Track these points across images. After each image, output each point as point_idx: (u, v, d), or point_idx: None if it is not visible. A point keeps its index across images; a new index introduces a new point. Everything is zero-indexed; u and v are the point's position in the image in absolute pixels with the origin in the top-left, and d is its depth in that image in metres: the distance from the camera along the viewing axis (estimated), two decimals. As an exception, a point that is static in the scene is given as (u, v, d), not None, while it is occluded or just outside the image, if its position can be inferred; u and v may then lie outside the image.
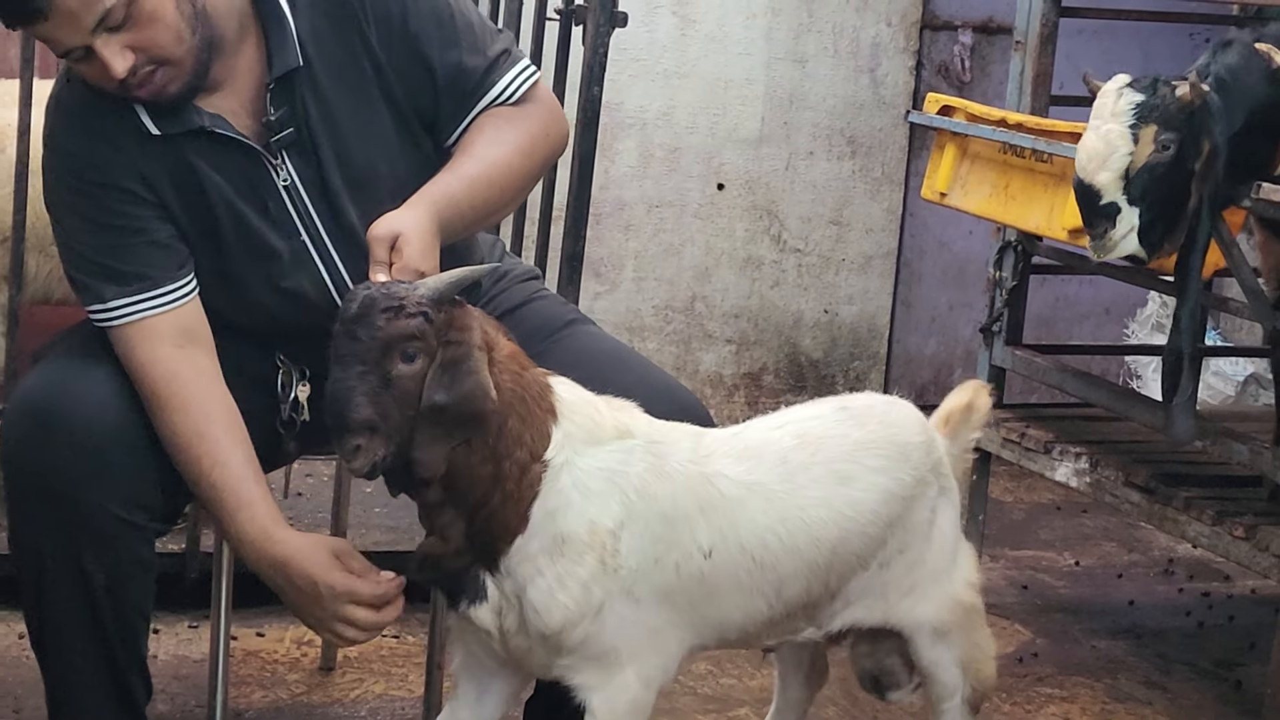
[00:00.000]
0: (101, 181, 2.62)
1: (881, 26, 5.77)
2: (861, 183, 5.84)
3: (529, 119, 2.74)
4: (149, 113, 2.61)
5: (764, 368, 5.85)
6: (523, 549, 2.39)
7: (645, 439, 2.47)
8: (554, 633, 2.41)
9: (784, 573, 2.54)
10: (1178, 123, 3.18)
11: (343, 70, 2.68)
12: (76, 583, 2.63)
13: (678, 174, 5.62)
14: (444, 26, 2.71)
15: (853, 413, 2.66)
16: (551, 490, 2.39)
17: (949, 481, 2.77)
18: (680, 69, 5.56)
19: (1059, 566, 4.84)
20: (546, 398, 2.42)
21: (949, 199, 4.03)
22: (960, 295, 6.07)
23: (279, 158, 2.66)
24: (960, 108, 3.99)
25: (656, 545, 2.44)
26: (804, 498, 2.54)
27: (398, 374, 2.30)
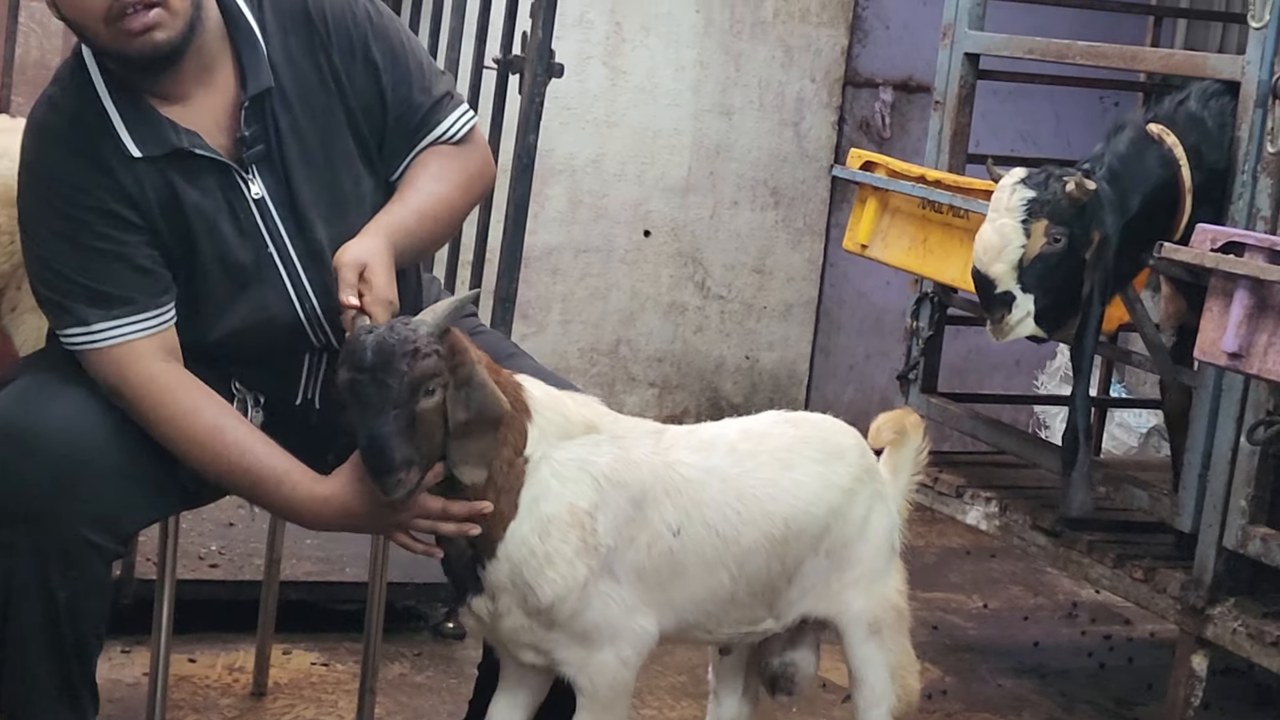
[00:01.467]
0: (86, 204, 2.68)
1: (806, 82, 5.94)
2: (784, 232, 6.01)
3: (468, 159, 2.91)
4: (130, 135, 2.69)
5: (686, 411, 5.98)
6: (515, 533, 2.65)
7: (610, 434, 2.73)
8: (547, 606, 2.66)
9: (745, 545, 2.80)
10: (1068, 216, 3.38)
11: (311, 92, 2.79)
12: (41, 599, 2.68)
13: (605, 220, 5.76)
14: (398, 61, 2.85)
15: (789, 418, 2.98)
16: (534, 480, 2.66)
17: (884, 489, 3.01)
18: (610, 118, 5.70)
19: (968, 608, 4.99)
20: (520, 397, 2.67)
21: (870, 251, 4.18)
22: (878, 344, 6.23)
23: (250, 172, 2.76)
24: (882, 163, 4.15)
25: (629, 526, 2.70)
26: (754, 478, 2.82)
27: (422, 409, 2.53)
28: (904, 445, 3.10)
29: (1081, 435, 3.57)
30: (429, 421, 2.54)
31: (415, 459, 2.54)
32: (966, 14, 4.30)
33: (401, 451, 2.52)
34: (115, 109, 2.71)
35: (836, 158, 6.00)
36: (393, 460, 2.52)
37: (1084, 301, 3.44)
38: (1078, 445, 3.58)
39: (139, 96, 2.73)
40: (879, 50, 6.09)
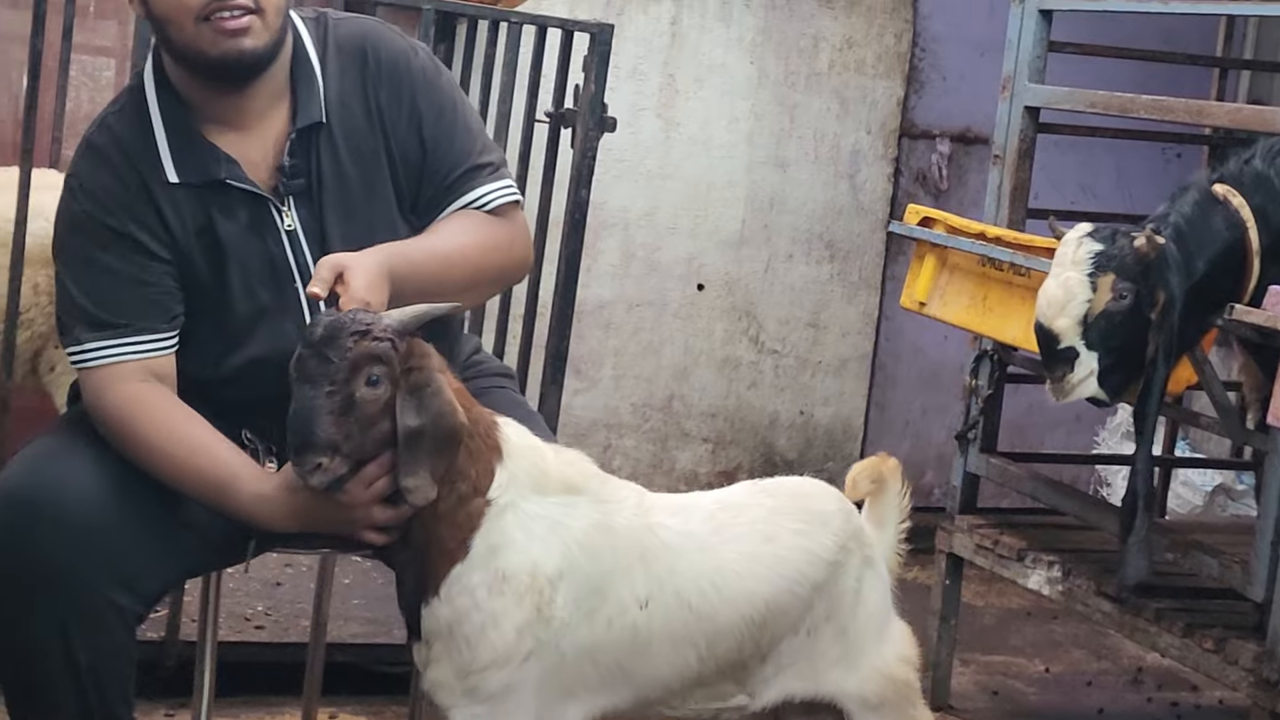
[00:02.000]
0: (111, 226, 2.69)
1: (861, 134, 5.87)
2: (839, 286, 5.92)
3: (496, 228, 2.83)
4: (173, 160, 2.70)
5: (739, 467, 5.90)
6: (462, 579, 2.45)
7: (593, 495, 2.55)
8: (479, 669, 2.45)
9: (720, 624, 2.60)
10: (1134, 273, 3.28)
11: (358, 133, 2.79)
12: (64, 668, 2.64)
13: (658, 274, 5.69)
14: (443, 117, 2.83)
15: (764, 487, 2.78)
16: (494, 527, 2.47)
17: (873, 553, 2.82)
18: (664, 171, 5.65)
19: (1029, 673, 4.88)
20: (493, 435, 2.51)
21: (928, 309, 4.10)
22: (934, 399, 6.13)
23: (286, 204, 2.75)
24: (940, 219, 4.07)
25: (591, 598, 2.50)
26: (734, 550, 2.62)
27: (362, 397, 2.40)
28: (884, 494, 2.93)
29: (1141, 501, 3.46)
30: (367, 412, 2.41)
31: (341, 446, 2.39)
32: (1027, 66, 4.22)
33: (326, 432, 2.38)
34: (164, 133, 2.72)
35: (892, 210, 5.93)
36: (313, 437, 2.39)
37: (1148, 364, 3.33)
38: (1136, 511, 3.46)
39: (190, 122, 2.73)
40: (936, 101, 6.01)
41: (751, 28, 5.68)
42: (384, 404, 2.42)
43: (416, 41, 2.89)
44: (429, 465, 2.42)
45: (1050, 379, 3.37)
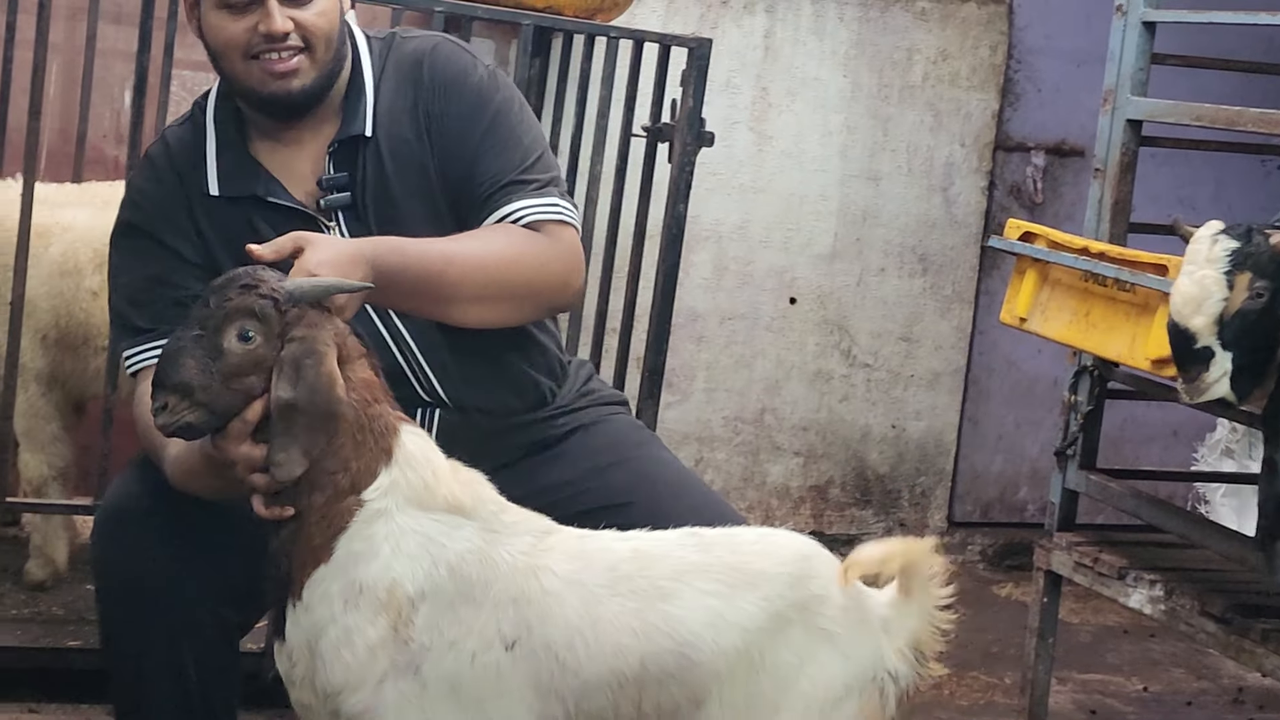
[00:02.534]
0: (150, 233, 2.75)
1: (955, 147, 5.83)
2: (932, 300, 5.89)
3: (532, 242, 2.72)
4: (217, 173, 2.74)
5: (830, 481, 5.87)
6: (323, 583, 2.34)
7: (482, 522, 2.40)
8: (335, 691, 2.33)
9: (585, 679, 2.36)
10: (1271, 271, 3.20)
11: (406, 147, 2.77)
12: (172, 680, 2.68)
13: (751, 287, 5.68)
14: (492, 132, 2.78)
15: (700, 539, 2.49)
16: (361, 532, 2.34)
17: (834, 628, 2.45)
18: (756, 184, 5.63)
19: (1127, 691, 4.82)
20: (387, 438, 2.38)
21: (1029, 324, 4.06)
22: (1027, 414, 6.08)
23: (333, 219, 2.75)
24: (1041, 234, 4.03)
25: (456, 627, 2.34)
26: (620, 605, 2.38)
27: (229, 348, 2.33)
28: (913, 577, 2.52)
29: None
30: (231, 364, 2.32)
31: (196, 392, 2.31)
32: (1129, 79, 4.17)
33: (181, 373, 2.31)
34: (214, 147, 2.76)
35: (986, 223, 5.88)
36: (164, 375, 2.32)
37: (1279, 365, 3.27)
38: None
39: (242, 138, 2.76)
40: (1031, 114, 5.96)
41: (845, 41, 5.66)
42: (253, 361, 2.33)
43: (479, 58, 2.86)
44: (301, 441, 2.31)
45: (1184, 379, 3.28)
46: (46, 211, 3.93)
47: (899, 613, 2.52)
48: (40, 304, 3.92)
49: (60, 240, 3.93)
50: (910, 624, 2.51)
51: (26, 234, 3.72)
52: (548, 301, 2.79)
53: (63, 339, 3.93)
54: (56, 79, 3.88)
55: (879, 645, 2.48)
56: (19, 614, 3.93)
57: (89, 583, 4.03)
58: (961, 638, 5.00)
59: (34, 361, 3.94)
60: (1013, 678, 4.72)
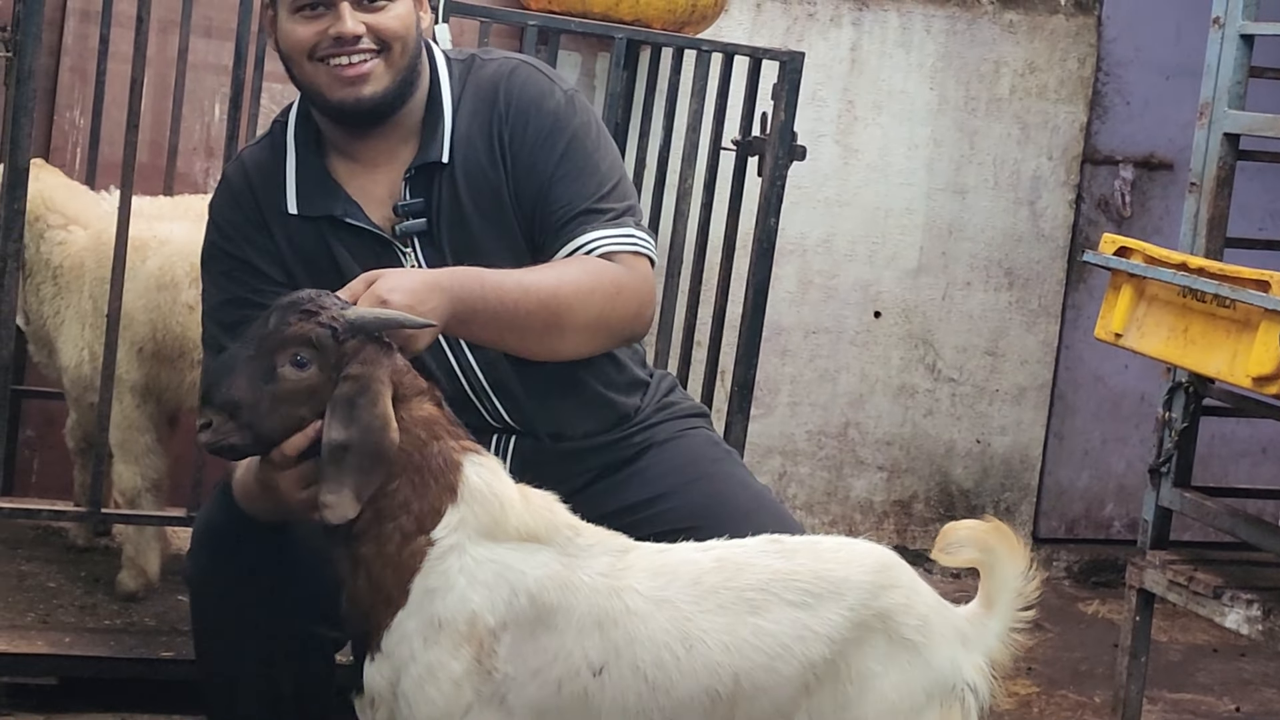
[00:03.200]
0: (232, 253, 2.75)
1: (1042, 160, 5.78)
2: (1018, 314, 5.83)
3: (604, 272, 2.69)
4: (296, 192, 2.72)
5: (914, 496, 5.83)
6: (401, 626, 2.30)
7: (558, 548, 2.36)
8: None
9: (677, 698, 2.33)
10: None
11: (481, 174, 2.74)
12: (266, 696, 2.69)
13: (835, 301, 5.65)
14: (567, 159, 2.74)
15: (783, 546, 2.46)
16: (435, 569, 2.30)
17: (917, 638, 2.43)
18: (841, 197, 5.60)
19: (1219, 712, 4.75)
20: (449, 476, 2.34)
21: (1125, 340, 4.01)
22: (1115, 429, 6.02)
23: (409, 245, 2.73)
24: (1138, 249, 3.98)
25: (540, 655, 2.31)
26: (710, 621, 2.35)
27: (283, 373, 2.30)
28: (996, 568, 2.50)
29: None
30: (283, 390, 2.29)
31: (242, 412, 2.29)
32: (1226, 92, 4.12)
33: (230, 391, 2.29)
34: (294, 166, 2.74)
35: (1073, 237, 5.83)
36: (212, 390, 2.30)
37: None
38: None
39: (321, 158, 2.74)
40: (1119, 126, 5.90)
41: (932, 53, 5.62)
42: (306, 389, 2.30)
43: (560, 82, 2.81)
44: (352, 483, 2.28)
45: None
46: (143, 225, 3.96)
47: (979, 627, 2.49)
48: (137, 317, 3.95)
49: (158, 254, 3.95)
50: (989, 639, 2.49)
51: (123, 246, 3.74)
52: (620, 333, 2.76)
53: (159, 352, 3.95)
54: (147, 92, 3.90)
55: (959, 656, 2.45)
56: (111, 624, 3.95)
57: (181, 593, 4.07)
58: (1049, 655, 5.02)
59: (130, 374, 3.96)
60: (1102, 696, 4.66)
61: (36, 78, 3.63)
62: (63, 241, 4.09)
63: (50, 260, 4.08)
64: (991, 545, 2.50)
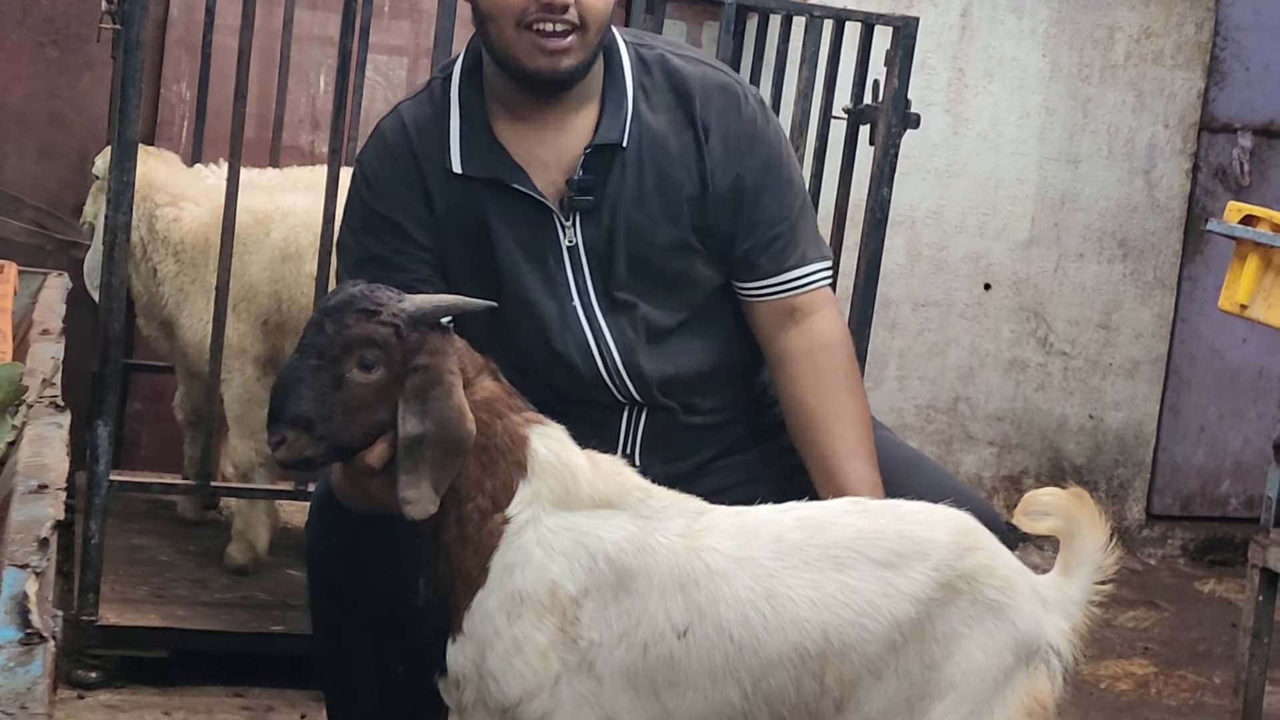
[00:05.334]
0: (379, 211, 2.71)
1: (1158, 128, 5.65)
2: (1132, 286, 5.71)
3: (846, 356, 2.77)
4: (460, 151, 2.69)
5: (1025, 471, 5.73)
6: (482, 605, 2.28)
7: (633, 510, 2.33)
8: (512, 704, 2.27)
9: (766, 657, 2.30)
10: None
11: (660, 168, 2.72)
12: (378, 672, 2.67)
13: (945, 273, 5.56)
14: (770, 171, 2.76)
15: (867, 507, 2.45)
16: (512, 545, 2.28)
17: (1001, 599, 2.39)
18: (951, 167, 5.51)
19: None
20: (518, 451, 2.32)
21: (1250, 311, 3.90)
22: (1231, 404, 5.88)
23: (571, 220, 2.70)
24: (1265, 217, 3.87)
25: (623, 620, 2.28)
26: (795, 577, 2.32)
27: (352, 379, 2.26)
28: (1076, 538, 2.46)
29: None
30: (356, 395, 2.25)
31: (316, 425, 2.25)
32: (1357, 55, 3.99)
33: (299, 405, 2.24)
34: (458, 124, 2.70)
35: (1190, 207, 5.70)
36: (282, 409, 2.26)
37: None
38: None
39: (487, 120, 2.71)
40: (1238, 93, 5.76)
41: (1044, 19, 5.51)
42: (377, 390, 2.27)
43: (746, 86, 2.81)
44: (431, 476, 2.25)
45: None
46: (265, 197, 3.95)
47: (1058, 593, 2.46)
48: (262, 289, 3.94)
49: (281, 225, 3.94)
50: (1069, 605, 2.45)
51: (231, 219, 3.73)
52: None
53: (284, 324, 3.94)
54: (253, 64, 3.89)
55: (1042, 618, 2.42)
56: (224, 598, 3.95)
57: (291, 567, 4.07)
58: (1166, 635, 4.92)
59: (254, 346, 3.96)
60: (1222, 677, 4.56)
61: (144, 50, 3.62)
62: (176, 218, 4.09)
63: (169, 238, 4.08)
64: (1073, 514, 2.47)
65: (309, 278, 3.82)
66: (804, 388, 2.74)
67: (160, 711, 3.68)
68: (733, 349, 2.84)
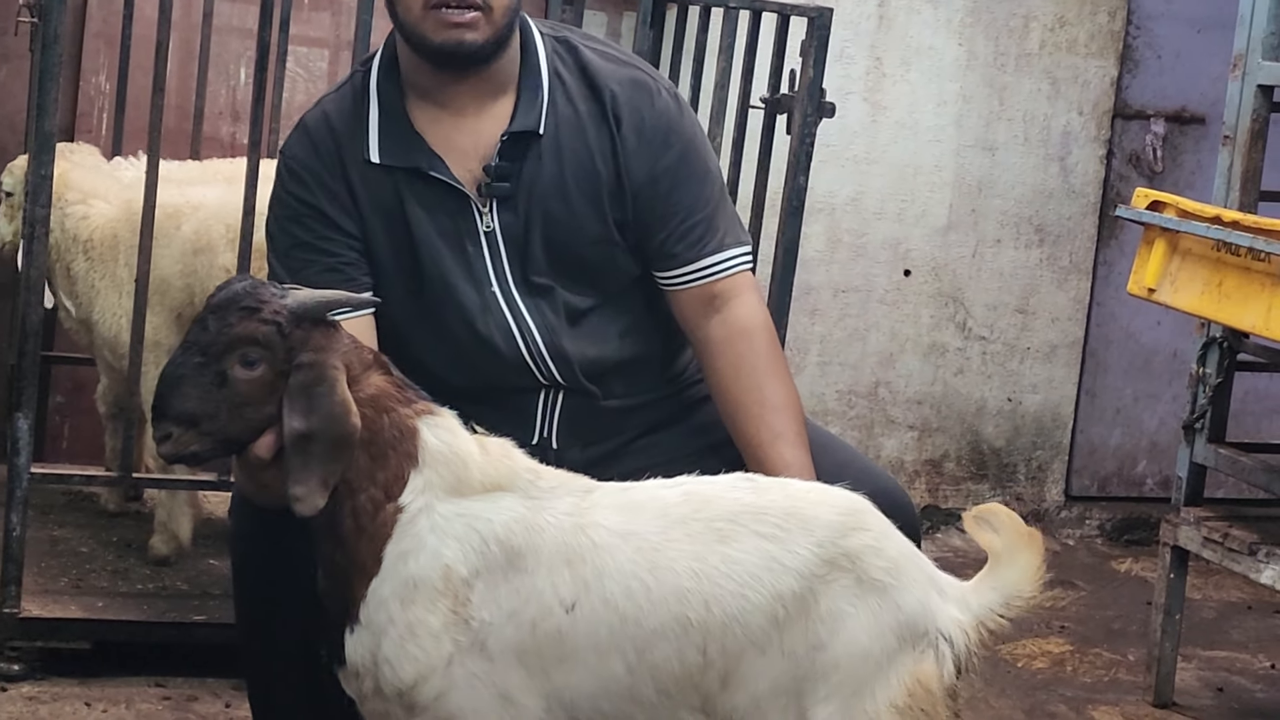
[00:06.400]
0: (304, 199, 2.76)
1: (1073, 115, 5.74)
2: (1049, 271, 5.80)
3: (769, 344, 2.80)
4: (378, 141, 2.75)
5: (945, 455, 5.81)
6: (377, 593, 2.32)
7: (521, 492, 2.38)
8: (408, 688, 2.32)
9: (649, 628, 2.34)
10: None
11: (579, 158, 2.78)
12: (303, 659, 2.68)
13: (864, 260, 5.62)
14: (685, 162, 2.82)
15: (756, 483, 2.47)
16: (406, 533, 2.32)
17: (886, 579, 2.40)
18: (870, 155, 5.57)
19: (1254, 669, 4.73)
20: (407, 443, 2.35)
21: (1158, 295, 3.98)
22: (1146, 386, 5.98)
23: (488, 206, 2.76)
24: (1171, 203, 3.95)
25: (513, 598, 2.33)
26: (678, 550, 2.36)
27: (235, 375, 2.30)
28: (1004, 565, 2.45)
29: None
30: (240, 392, 2.29)
31: (200, 421, 2.29)
32: (1260, 44, 4.07)
33: (184, 402, 2.28)
34: (377, 114, 2.77)
35: (1104, 193, 5.79)
36: (166, 405, 2.30)
37: None
38: None
39: (405, 110, 2.77)
40: (1150, 80, 5.84)
41: (960, 8, 5.57)
42: (261, 387, 2.30)
43: (660, 79, 2.87)
44: (319, 472, 2.29)
45: None
46: (175, 190, 3.95)
47: (959, 590, 2.46)
48: (174, 282, 3.95)
49: (192, 219, 3.95)
50: (974, 605, 2.44)
51: (151, 211, 3.73)
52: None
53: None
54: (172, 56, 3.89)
55: (932, 603, 2.43)
56: (144, 589, 3.96)
57: (212, 557, 4.08)
58: (1082, 614, 5.00)
59: (168, 338, 3.97)
60: (1136, 654, 4.64)
61: (62, 43, 3.61)
62: (86, 216, 4.08)
63: (77, 235, 4.08)
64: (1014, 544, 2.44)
65: (222, 270, 3.84)
66: (729, 377, 2.78)
67: (82, 702, 3.68)
68: (650, 334, 2.90)
